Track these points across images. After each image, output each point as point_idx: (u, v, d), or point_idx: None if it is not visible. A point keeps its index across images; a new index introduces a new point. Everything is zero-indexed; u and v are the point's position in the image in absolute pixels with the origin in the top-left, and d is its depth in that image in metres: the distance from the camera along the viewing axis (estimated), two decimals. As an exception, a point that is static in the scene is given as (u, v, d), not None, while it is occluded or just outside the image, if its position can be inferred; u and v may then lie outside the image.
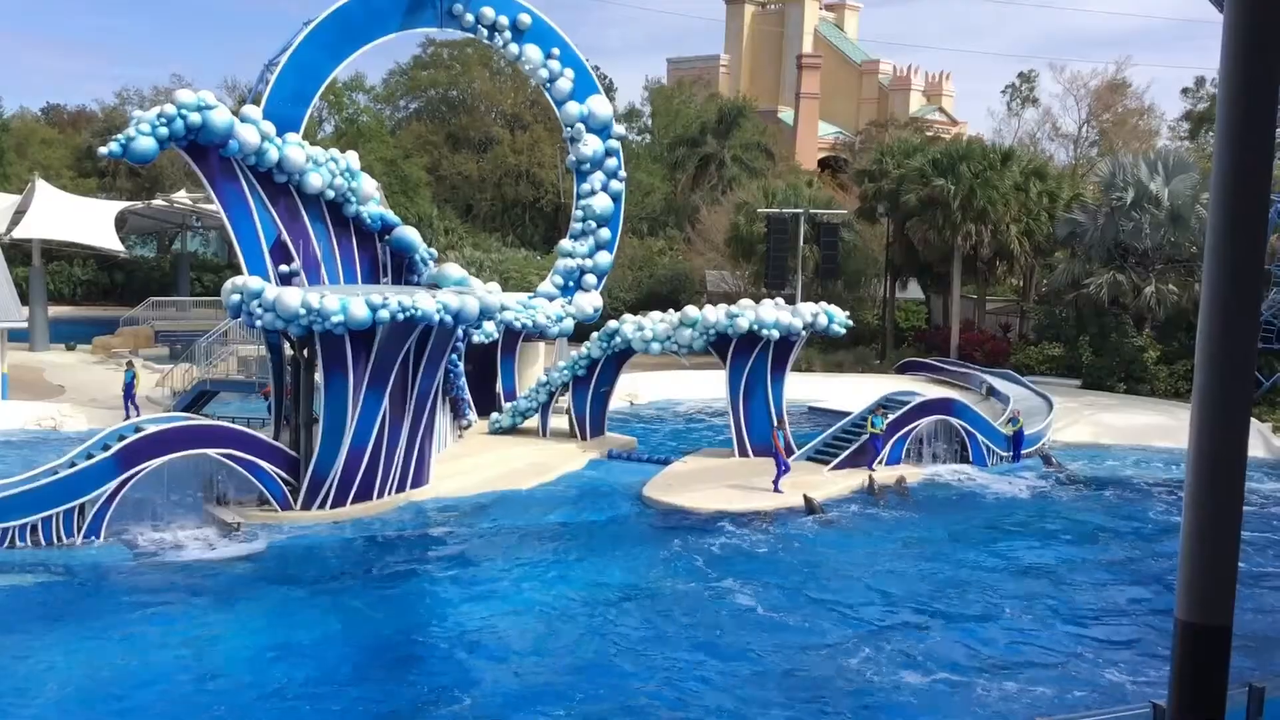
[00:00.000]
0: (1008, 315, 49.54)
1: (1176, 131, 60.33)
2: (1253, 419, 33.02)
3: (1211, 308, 4.32)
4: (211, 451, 21.98)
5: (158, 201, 50.69)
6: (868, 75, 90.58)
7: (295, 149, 24.57)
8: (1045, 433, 31.56)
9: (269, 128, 24.26)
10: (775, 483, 24.90)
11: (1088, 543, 23.11)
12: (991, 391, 36.61)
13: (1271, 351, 36.49)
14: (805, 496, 24.42)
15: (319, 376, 22.88)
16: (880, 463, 27.24)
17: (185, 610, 17.63)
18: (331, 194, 25.31)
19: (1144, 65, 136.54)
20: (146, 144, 22.44)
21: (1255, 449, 31.01)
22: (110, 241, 45.58)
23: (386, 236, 26.73)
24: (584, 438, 29.72)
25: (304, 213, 25.08)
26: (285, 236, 24.80)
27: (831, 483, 26.23)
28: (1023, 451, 29.58)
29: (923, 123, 76.44)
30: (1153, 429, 33.22)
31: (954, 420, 28.84)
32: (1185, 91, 57.44)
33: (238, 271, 24.52)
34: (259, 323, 22.13)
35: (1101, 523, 24.60)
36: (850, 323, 29.47)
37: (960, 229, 42.55)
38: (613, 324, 29.34)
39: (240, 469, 22.29)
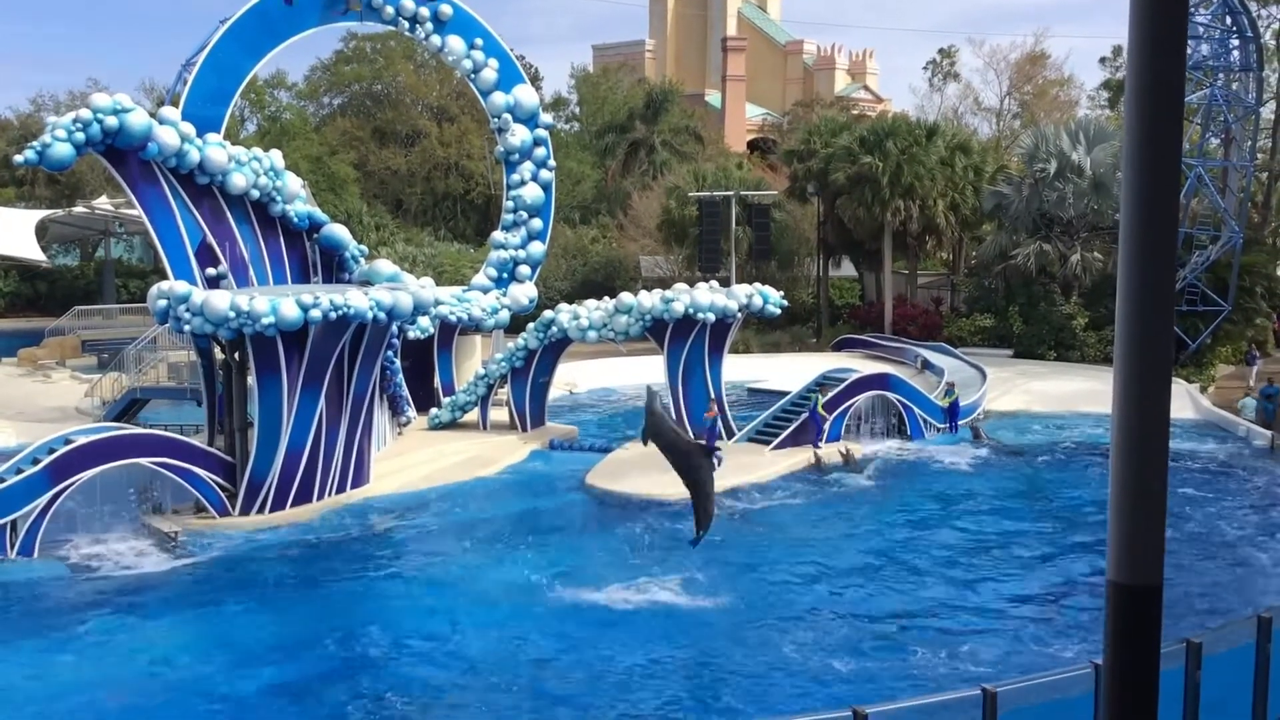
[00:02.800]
0: (939, 289, 50.19)
1: (1096, 101, 61.40)
2: (1180, 380, 33.89)
3: (1128, 275, 4.39)
4: (145, 461, 21.59)
5: (79, 209, 49.65)
6: (792, 56, 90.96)
7: (217, 149, 24.15)
8: (980, 403, 32.04)
9: (188, 129, 23.81)
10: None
11: (1029, 509, 23.54)
12: (926, 365, 37.08)
13: (1195, 313, 37.32)
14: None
15: (252, 380, 22.56)
16: (822, 440, 27.48)
17: (124, 622, 17.31)
18: (256, 194, 24.90)
19: (1062, 36, 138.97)
20: (63, 150, 21.92)
21: (1184, 410, 31.74)
22: (31, 251, 44.55)
23: (315, 235, 26.38)
24: (525, 429, 29.63)
25: (229, 214, 24.67)
26: (210, 239, 24.39)
27: (773, 463, 26.41)
28: (959, 422, 30.01)
29: (848, 101, 77.09)
30: (1083, 394, 33.85)
31: (890, 395, 29.17)
32: (1103, 61, 58.38)
33: (163, 276, 24.08)
34: (187, 328, 21.75)
35: (1041, 488, 25.06)
36: (785, 303, 29.68)
37: (889, 205, 43.01)
38: (548, 314, 29.26)
39: (175, 477, 21.93)
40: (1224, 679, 12.45)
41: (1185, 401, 32.56)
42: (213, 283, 24.10)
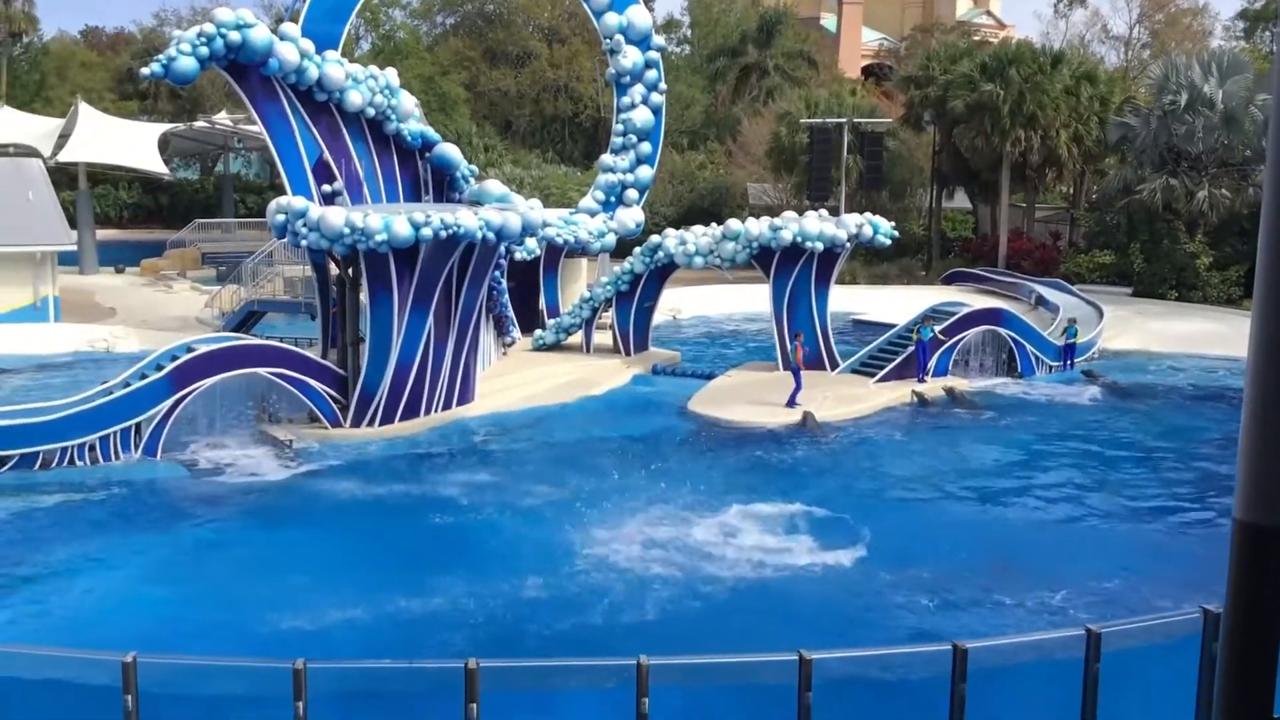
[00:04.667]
0: (1057, 223, 48.77)
1: (1231, 31, 58.57)
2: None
3: (1274, 199, 4.19)
4: (262, 370, 22.26)
5: (199, 123, 50.83)
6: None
7: (335, 66, 24.41)
8: (1096, 341, 31.22)
9: (308, 45, 24.08)
10: (791, 399, 24.76)
11: (1144, 452, 23.00)
12: (1040, 301, 36.24)
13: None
14: (804, 413, 24.15)
15: (364, 295, 23.01)
16: (928, 375, 27.09)
17: (240, 525, 18.00)
18: (371, 112, 25.16)
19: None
20: (187, 64, 22.37)
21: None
22: (154, 164, 45.83)
23: (427, 154, 26.60)
24: (628, 353, 29.76)
25: (345, 131, 24.99)
26: (327, 155, 24.76)
27: (877, 394, 26.16)
28: (1075, 360, 29.29)
29: (969, 27, 74.67)
30: (1205, 336, 32.77)
31: (1002, 330, 28.56)
32: (1242, -12, 55.52)
33: (281, 192, 24.55)
34: (304, 243, 22.22)
35: (1158, 430, 24.43)
36: (896, 234, 29.16)
37: (1009, 135, 41.78)
38: (655, 238, 29.19)
39: (291, 388, 22.58)
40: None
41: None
42: (328, 199, 24.52)
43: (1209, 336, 32.58)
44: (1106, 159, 44.58)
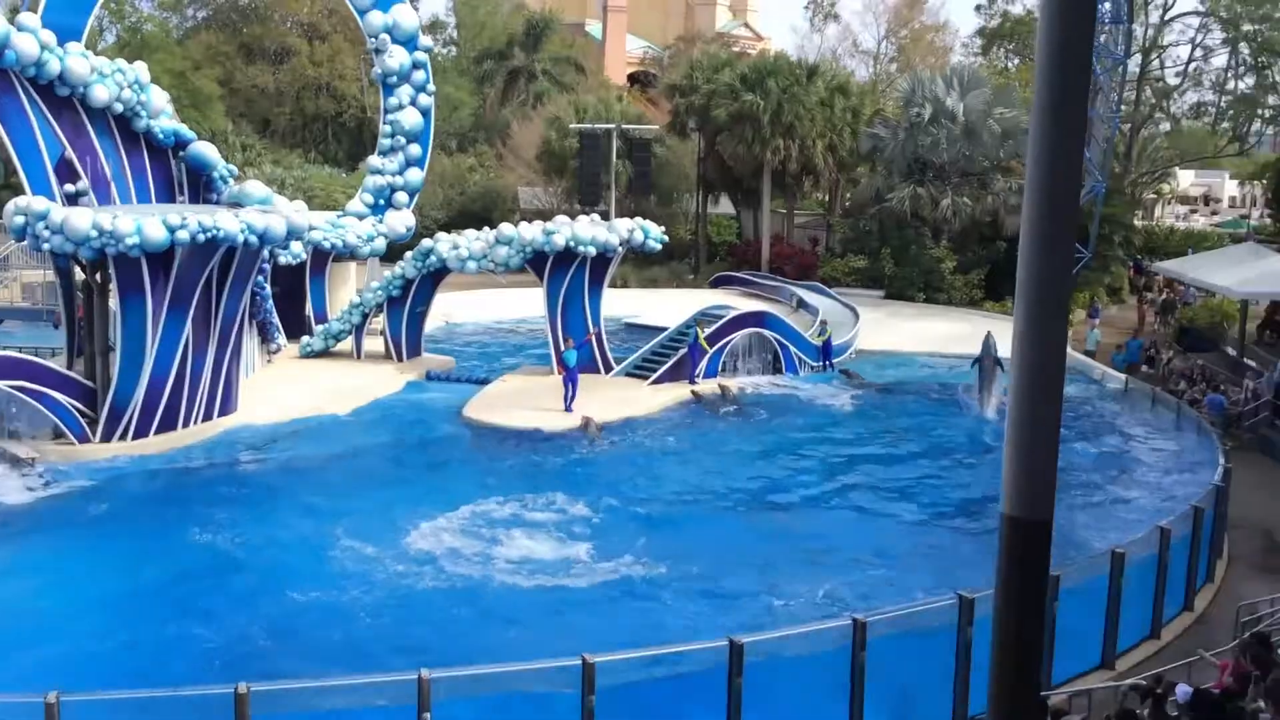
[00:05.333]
0: (815, 229, 50.89)
1: (970, 48, 62.64)
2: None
3: (1032, 217, 4.49)
4: (0, 383, 20.65)
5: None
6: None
7: (78, 59, 22.91)
8: (852, 342, 32.73)
9: (49, 37, 22.49)
10: (566, 402, 24.92)
11: (898, 443, 24.25)
12: (801, 303, 37.68)
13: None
14: (584, 417, 24.32)
15: (114, 302, 21.66)
16: (699, 375, 27.75)
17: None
18: (119, 107, 23.76)
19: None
20: (-93, 52, 20.53)
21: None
22: None
23: (181, 153, 25.37)
24: (401, 359, 29.20)
25: (90, 128, 23.50)
26: (70, 153, 23.23)
27: (652, 396, 26.60)
28: (832, 360, 30.62)
29: (729, 38, 76.92)
30: (951, 336, 34.83)
31: (767, 332, 29.56)
32: (978, 8, 59.37)
33: (17, 192, 22.87)
34: (46, 246, 20.76)
35: (909, 423, 25.81)
36: (666, 238, 29.71)
37: (769, 144, 43.32)
38: (427, 242, 28.74)
39: (32, 401, 21.03)
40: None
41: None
42: (72, 199, 23.00)
43: (955, 337, 34.66)
44: (859, 168, 46.84)
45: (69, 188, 23.28)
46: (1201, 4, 52.50)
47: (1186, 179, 75.08)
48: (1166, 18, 51.96)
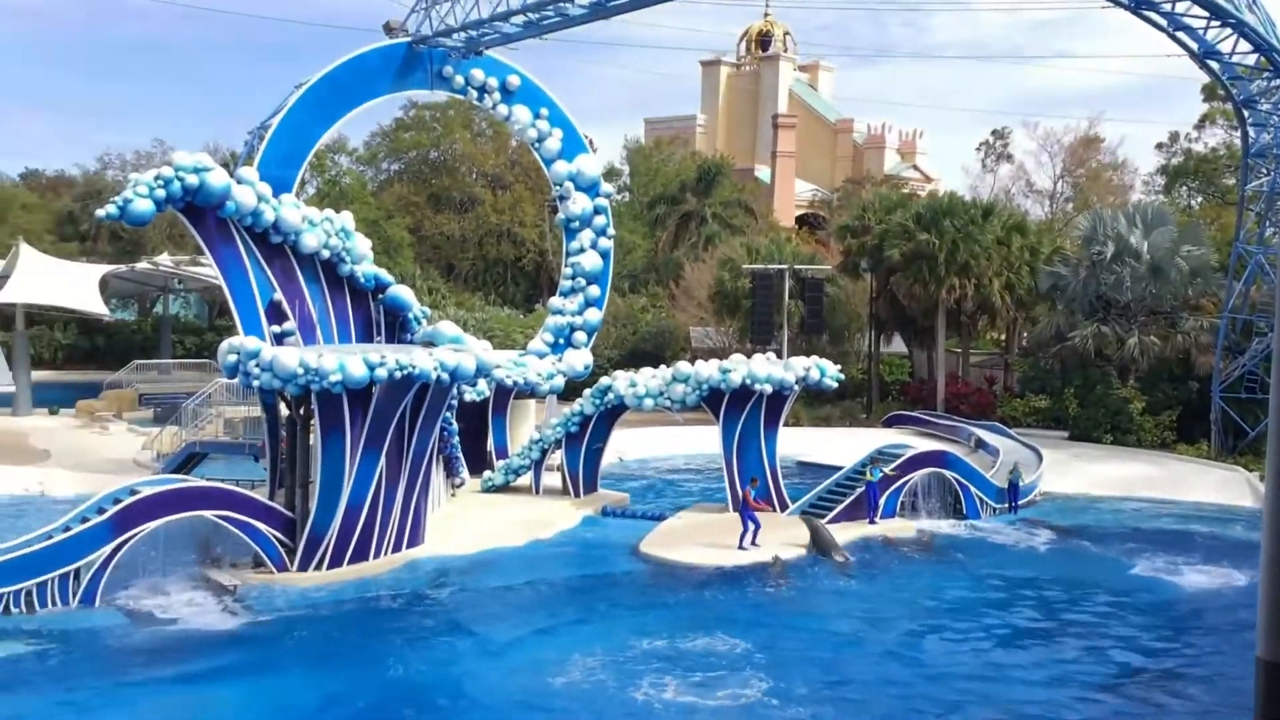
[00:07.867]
0: (991, 368, 49.84)
1: (1151, 186, 61.24)
2: (1239, 468, 33.11)
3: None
4: (207, 513, 21.78)
5: (142, 265, 50.59)
6: (842, 134, 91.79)
7: (291, 209, 24.65)
8: (1037, 484, 31.68)
9: (265, 189, 24.35)
10: (741, 540, 24.66)
11: (1093, 592, 23.17)
12: (980, 444, 36.78)
13: (1255, 401, 36.86)
14: (774, 556, 24.14)
15: (314, 436, 22.76)
16: (877, 515, 27.24)
17: (181, 677, 17.35)
18: (326, 254, 25.38)
19: (1116, 120, 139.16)
20: (144, 206, 22.46)
21: (1243, 498, 31.25)
22: (95, 305, 45.38)
23: (380, 296, 26.77)
24: (578, 494, 29.62)
25: (299, 273, 25.12)
26: (280, 296, 24.81)
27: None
28: (1019, 502, 29.66)
29: (898, 180, 77.43)
30: (1142, 479, 33.38)
31: (947, 472, 28.90)
32: (1159, 146, 58.18)
33: (219, 332, 24.46)
34: (256, 383, 22.03)
35: (1105, 572, 24.66)
36: (841, 376, 29.63)
37: (945, 283, 43.00)
38: (605, 380, 29.37)
39: (237, 530, 22.08)
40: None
41: (1244, 489, 32.04)
42: (279, 339, 24.44)
43: (1146, 480, 33.20)
44: (1038, 306, 45.95)
45: (275, 328, 24.77)
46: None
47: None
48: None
